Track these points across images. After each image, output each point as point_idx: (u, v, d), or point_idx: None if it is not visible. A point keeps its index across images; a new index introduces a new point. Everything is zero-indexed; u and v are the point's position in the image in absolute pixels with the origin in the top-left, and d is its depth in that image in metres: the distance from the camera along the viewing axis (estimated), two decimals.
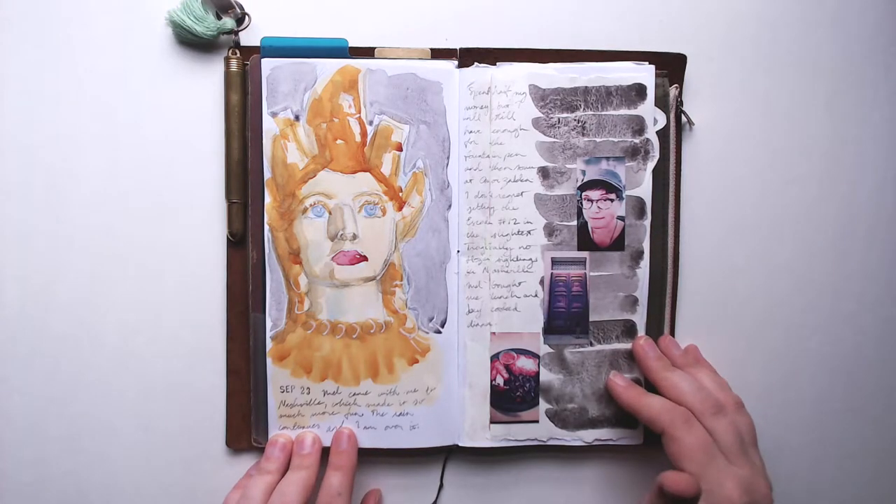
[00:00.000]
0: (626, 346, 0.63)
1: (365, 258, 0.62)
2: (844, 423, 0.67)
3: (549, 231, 0.63)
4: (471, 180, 0.63)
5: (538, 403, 0.63)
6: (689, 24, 0.65)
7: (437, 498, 0.66)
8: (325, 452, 0.62)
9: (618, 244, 0.63)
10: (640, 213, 0.62)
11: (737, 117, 0.66)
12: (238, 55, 0.61)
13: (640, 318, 0.63)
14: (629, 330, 0.63)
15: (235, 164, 0.61)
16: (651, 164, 0.62)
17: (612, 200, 0.62)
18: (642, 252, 0.63)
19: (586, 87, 0.62)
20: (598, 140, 0.62)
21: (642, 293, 0.63)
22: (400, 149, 0.62)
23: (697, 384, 0.59)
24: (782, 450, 0.63)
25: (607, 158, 0.62)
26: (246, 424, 0.63)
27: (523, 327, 0.63)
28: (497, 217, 0.62)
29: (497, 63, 0.62)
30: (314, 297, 0.62)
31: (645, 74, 0.62)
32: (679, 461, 0.56)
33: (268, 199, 0.61)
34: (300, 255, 0.62)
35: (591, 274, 0.63)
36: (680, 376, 0.60)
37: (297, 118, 0.61)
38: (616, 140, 0.62)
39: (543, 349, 0.63)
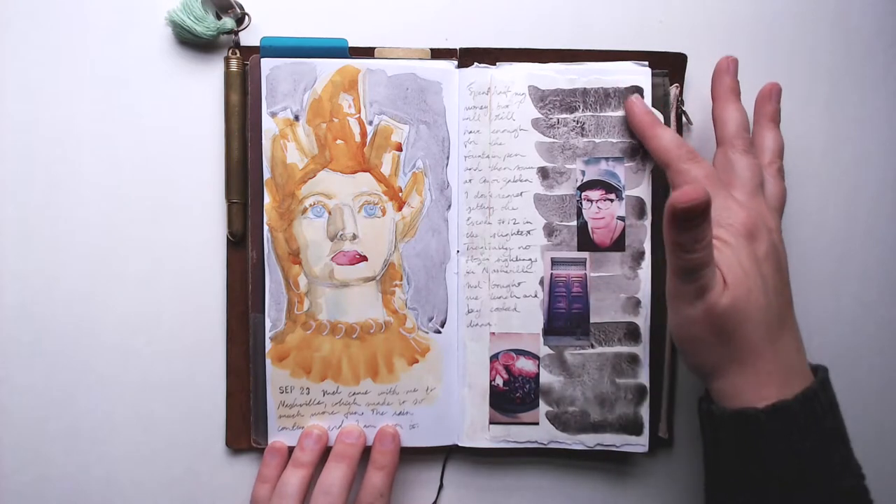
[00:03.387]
0: (628, 349, 0.63)
1: (364, 258, 0.62)
2: (844, 423, 0.67)
3: (549, 231, 0.62)
4: (470, 180, 0.63)
5: (538, 405, 0.63)
6: (689, 23, 0.65)
7: (437, 498, 0.66)
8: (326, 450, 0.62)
9: (618, 244, 0.62)
10: (641, 213, 0.62)
11: None
12: (238, 55, 0.61)
13: (642, 320, 0.63)
14: (632, 333, 0.63)
15: (235, 164, 0.62)
16: (650, 165, 0.62)
17: (611, 200, 0.62)
18: (643, 252, 0.62)
19: (585, 88, 0.62)
20: (597, 141, 0.62)
21: (644, 294, 0.63)
22: (400, 149, 0.62)
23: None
24: None
25: (606, 159, 0.62)
26: (246, 424, 0.63)
27: (523, 328, 0.63)
28: (497, 217, 0.62)
29: (497, 63, 0.62)
30: (314, 297, 0.62)
31: (641, 77, 0.62)
32: None
33: (267, 200, 0.61)
34: (299, 256, 0.62)
35: (592, 275, 0.63)
36: (732, 106, 0.60)
37: (296, 118, 0.61)
38: (615, 141, 0.62)
39: (543, 350, 0.63)
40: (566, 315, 0.63)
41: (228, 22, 0.62)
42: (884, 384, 0.67)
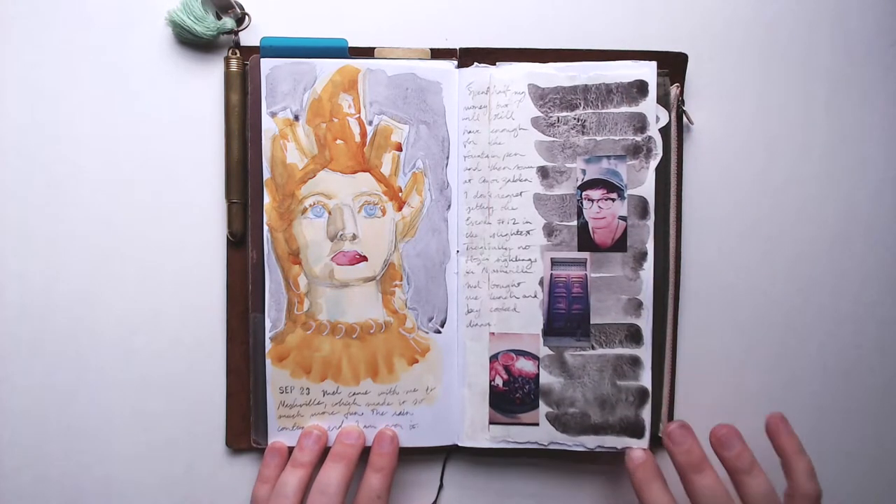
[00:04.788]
0: (630, 351, 0.62)
1: (365, 258, 0.62)
2: (844, 423, 0.67)
3: (549, 231, 0.62)
4: (470, 180, 0.62)
5: (538, 406, 0.63)
6: (689, 23, 0.65)
7: (437, 498, 0.66)
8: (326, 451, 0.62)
9: (620, 245, 0.62)
10: (643, 212, 0.62)
11: (737, 117, 0.65)
12: (238, 55, 0.61)
13: (645, 322, 0.62)
14: (634, 335, 0.62)
15: (235, 164, 0.62)
16: (654, 163, 0.61)
17: (613, 200, 0.62)
18: (646, 253, 0.62)
19: (586, 85, 0.62)
20: (598, 139, 0.62)
21: (647, 296, 0.62)
22: (400, 149, 0.62)
23: (726, 499, 0.57)
24: None
25: (608, 157, 0.62)
26: (246, 424, 0.63)
27: (523, 328, 0.63)
28: (496, 217, 0.62)
29: (497, 63, 0.62)
30: (314, 297, 0.62)
31: (646, 70, 0.61)
32: None
33: (267, 200, 0.61)
34: (299, 256, 0.62)
35: (592, 275, 0.62)
36: (708, 485, 0.57)
37: (296, 118, 0.61)
38: (617, 138, 0.62)
39: (543, 351, 0.63)
40: (566, 316, 0.63)
41: (228, 22, 0.62)
42: (884, 384, 0.67)
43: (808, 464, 0.58)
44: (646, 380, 0.62)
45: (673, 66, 0.63)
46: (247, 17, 0.62)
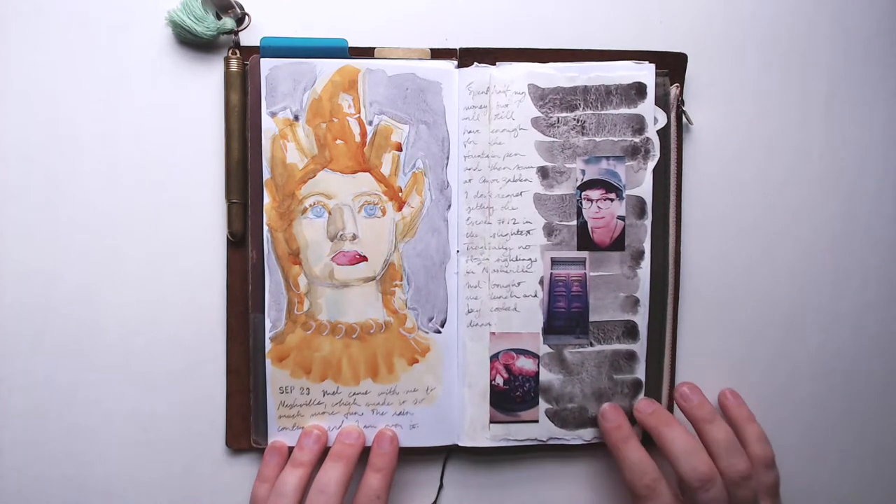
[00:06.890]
0: (626, 346, 0.63)
1: (365, 258, 0.62)
2: (844, 423, 0.67)
3: (549, 231, 0.62)
4: (470, 180, 0.63)
5: (538, 403, 0.63)
6: (689, 24, 0.65)
7: (437, 498, 0.66)
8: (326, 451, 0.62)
9: (618, 244, 0.62)
10: (641, 212, 0.62)
11: (737, 117, 0.66)
12: (238, 55, 0.61)
13: (641, 318, 0.63)
14: (630, 331, 0.63)
15: (235, 164, 0.61)
16: (651, 164, 0.62)
17: (612, 200, 0.62)
18: (643, 252, 0.63)
19: (586, 86, 0.62)
20: (597, 139, 0.62)
21: (643, 294, 0.63)
22: (400, 149, 0.62)
23: (694, 446, 0.58)
24: (782, 450, 0.63)
25: (607, 158, 0.62)
26: (246, 424, 0.63)
27: (523, 327, 0.63)
28: (496, 217, 0.62)
29: (497, 63, 0.62)
30: (313, 297, 0.62)
31: (645, 73, 0.62)
32: None
33: (267, 200, 0.61)
34: (299, 256, 0.62)
35: (591, 274, 0.63)
36: (676, 435, 0.59)
37: (296, 118, 0.61)
38: (616, 139, 0.62)
39: (543, 349, 0.63)
40: (566, 314, 0.63)
41: (228, 22, 0.62)
42: (884, 384, 0.67)
43: (758, 430, 0.63)
44: (640, 372, 0.63)
45: (672, 66, 0.63)
46: (247, 17, 0.62)
